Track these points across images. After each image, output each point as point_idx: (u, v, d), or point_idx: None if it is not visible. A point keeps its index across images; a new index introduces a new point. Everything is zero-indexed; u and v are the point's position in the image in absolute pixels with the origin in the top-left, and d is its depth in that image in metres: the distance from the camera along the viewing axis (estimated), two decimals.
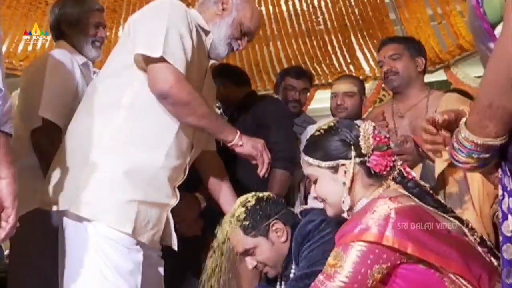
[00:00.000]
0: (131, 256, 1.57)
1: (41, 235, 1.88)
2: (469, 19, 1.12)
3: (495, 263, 1.40)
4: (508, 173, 1.04)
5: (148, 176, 1.62)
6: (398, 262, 1.30)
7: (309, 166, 1.51)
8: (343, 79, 2.95)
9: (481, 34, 1.05)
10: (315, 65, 5.12)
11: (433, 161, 2.01)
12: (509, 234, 1.04)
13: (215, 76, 2.08)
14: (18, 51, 4.63)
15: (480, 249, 1.41)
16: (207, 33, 1.81)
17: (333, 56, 5.05)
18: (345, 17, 4.96)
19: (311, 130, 2.82)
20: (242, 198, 1.75)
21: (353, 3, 4.94)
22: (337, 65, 5.04)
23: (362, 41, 4.92)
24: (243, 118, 2.45)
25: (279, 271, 1.72)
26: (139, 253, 1.59)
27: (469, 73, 4.29)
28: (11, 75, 4.09)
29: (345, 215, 1.46)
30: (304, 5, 5.11)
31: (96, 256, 1.55)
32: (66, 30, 2.17)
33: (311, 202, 2.34)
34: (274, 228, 1.67)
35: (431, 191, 1.49)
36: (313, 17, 5.11)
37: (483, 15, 1.02)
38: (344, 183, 1.44)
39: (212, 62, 1.87)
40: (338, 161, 1.45)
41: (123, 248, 1.56)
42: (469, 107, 2.22)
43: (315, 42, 5.12)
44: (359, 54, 4.95)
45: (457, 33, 4.18)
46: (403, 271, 1.31)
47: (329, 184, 1.47)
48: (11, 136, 1.26)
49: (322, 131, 1.50)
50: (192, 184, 1.93)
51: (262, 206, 1.70)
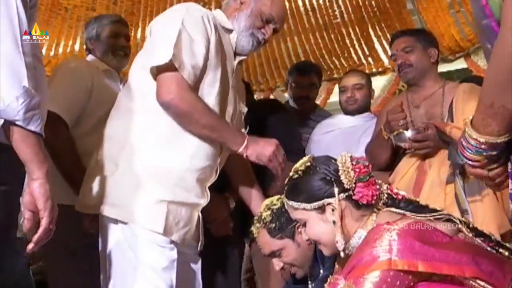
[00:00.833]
0: (165, 254, 1.63)
1: (74, 234, 1.88)
2: (475, 17, 1.13)
3: (506, 253, 1.38)
4: None
5: (175, 177, 1.67)
6: (412, 284, 1.25)
7: (294, 210, 1.47)
8: (351, 73, 3.03)
9: (488, 33, 1.05)
10: (333, 58, 5.12)
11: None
12: None
13: None
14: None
15: (485, 245, 1.38)
16: (230, 31, 1.83)
17: (351, 49, 5.04)
18: (362, 10, 4.94)
19: (319, 128, 2.84)
20: (268, 201, 1.76)
21: None
22: (355, 58, 5.03)
23: (380, 33, 4.90)
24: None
25: (306, 272, 1.73)
26: (173, 250, 1.64)
27: None
28: None
29: (342, 254, 1.43)
30: None
31: (132, 256, 1.62)
32: (90, 45, 2.35)
33: None
34: (299, 230, 1.66)
35: (424, 204, 1.46)
36: (330, 10, 5.10)
37: (492, 13, 1.03)
38: (334, 221, 1.40)
39: (241, 58, 1.86)
40: (323, 201, 1.41)
41: (157, 246, 1.62)
42: None
43: (332, 36, 5.11)
44: (377, 46, 4.93)
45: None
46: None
47: (319, 225, 1.43)
48: (41, 136, 1.24)
49: (300, 172, 1.46)
50: (221, 184, 1.96)
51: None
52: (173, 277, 1.63)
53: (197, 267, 1.82)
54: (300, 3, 5.15)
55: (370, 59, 4.96)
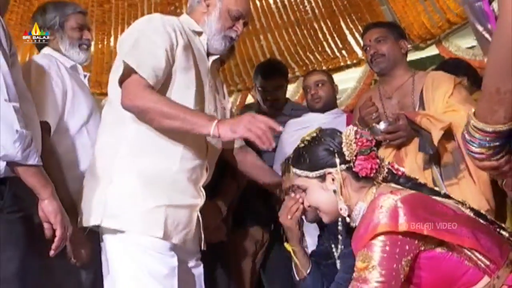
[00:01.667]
0: (165, 261, 1.65)
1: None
2: None
3: (506, 235, 1.42)
4: None
5: (168, 181, 1.70)
6: (417, 251, 1.30)
7: (298, 177, 1.54)
8: (311, 72, 3.18)
9: (480, 15, 1.06)
10: (308, 54, 5.14)
11: (429, 132, 2.05)
12: None
13: None
14: None
15: (486, 224, 1.42)
16: (200, 34, 1.84)
17: (324, 43, 5.06)
18: (332, 4, 4.95)
19: (288, 126, 2.85)
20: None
21: None
22: (329, 51, 5.05)
23: (351, 26, 4.92)
24: None
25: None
26: (173, 258, 1.66)
27: (461, 45, 4.30)
28: None
29: (347, 220, 1.49)
30: None
31: (132, 264, 1.63)
32: (50, 35, 2.11)
33: None
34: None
35: (423, 182, 1.51)
36: (301, 6, 5.11)
37: None
38: (335, 190, 1.47)
39: (214, 58, 1.88)
40: (324, 170, 1.48)
41: (156, 253, 1.64)
42: (453, 81, 2.27)
43: (305, 31, 5.13)
44: (350, 38, 4.95)
45: (443, 7, 4.19)
46: (424, 261, 1.32)
47: (319, 193, 1.51)
48: (40, 165, 1.48)
49: (306, 142, 1.53)
50: (213, 191, 1.99)
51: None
52: (174, 284, 1.64)
53: (198, 272, 1.84)
54: (271, 0, 5.17)
55: (344, 51, 4.99)
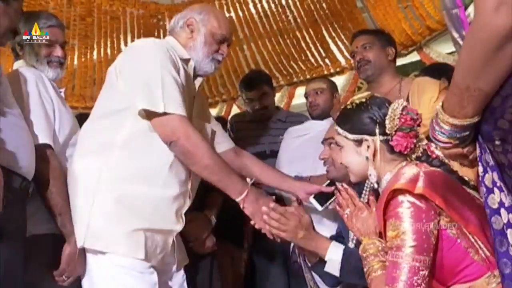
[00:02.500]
0: (145, 279, 1.67)
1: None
2: (444, 6, 1.18)
3: None
4: (487, 150, 1.11)
5: (150, 207, 1.71)
6: (438, 221, 1.35)
7: (337, 134, 1.60)
8: (313, 80, 3.23)
9: (456, 22, 1.10)
10: (292, 63, 5.18)
11: None
12: (495, 206, 1.11)
13: None
14: None
15: None
16: (187, 61, 1.87)
17: (307, 52, 5.11)
18: (314, 13, 5.01)
19: (289, 133, 2.88)
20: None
21: None
22: (313, 60, 5.10)
23: (334, 34, 4.98)
24: None
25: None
26: (152, 274, 1.69)
27: (442, 51, 4.38)
28: None
29: (375, 186, 1.56)
30: (273, 5, 5.17)
31: (114, 284, 1.65)
32: (18, 50, 1.99)
33: None
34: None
35: (455, 169, 1.54)
36: (283, 16, 5.16)
37: (462, 3, 1.08)
38: (367, 157, 1.52)
39: (201, 80, 1.93)
40: (362, 136, 1.53)
41: (137, 273, 1.66)
42: (438, 86, 2.32)
43: (288, 41, 5.17)
44: (333, 47, 5.00)
45: (423, 14, 4.27)
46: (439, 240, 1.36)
47: (353, 155, 1.56)
48: None
49: (354, 104, 1.57)
50: (201, 203, 2.00)
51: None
52: None
53: (179, 279, 1.86)
54: (253, 11, 5.21)
55: (327, 60, 5.03)
